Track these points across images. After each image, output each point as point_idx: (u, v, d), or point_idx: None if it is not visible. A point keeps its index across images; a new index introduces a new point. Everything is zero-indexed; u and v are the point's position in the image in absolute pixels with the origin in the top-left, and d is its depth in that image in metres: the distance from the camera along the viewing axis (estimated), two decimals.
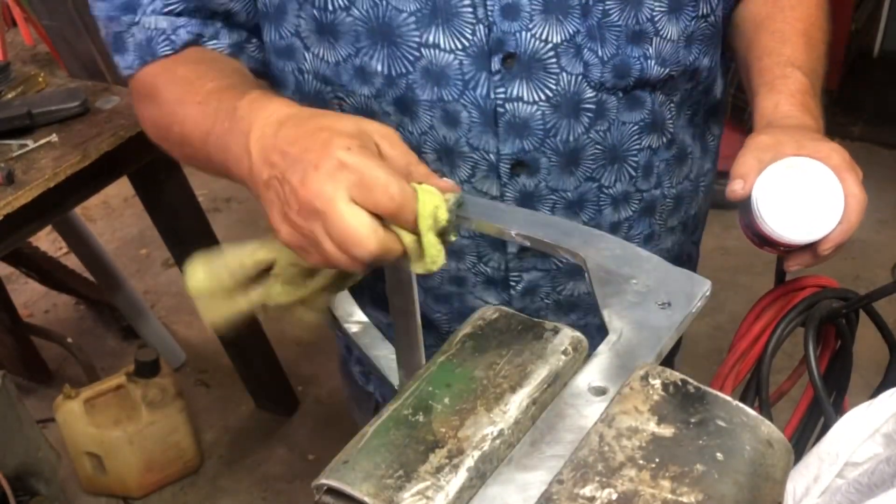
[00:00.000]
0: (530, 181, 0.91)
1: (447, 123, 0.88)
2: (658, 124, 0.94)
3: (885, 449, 0.58)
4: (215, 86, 0.81)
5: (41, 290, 2.77)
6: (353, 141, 0.65)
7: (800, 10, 0.95)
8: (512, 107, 0.87)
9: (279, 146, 0.67)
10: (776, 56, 0.91)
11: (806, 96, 0.87)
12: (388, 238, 0.65)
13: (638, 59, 0.87)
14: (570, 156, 0.90)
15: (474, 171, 0.91)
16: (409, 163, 0.68)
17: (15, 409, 1.55)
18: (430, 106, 0.87)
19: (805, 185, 0.78)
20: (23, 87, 1.79)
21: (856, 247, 2.66)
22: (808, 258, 0.82)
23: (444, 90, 0.86)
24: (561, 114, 0.87)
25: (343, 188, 0.63)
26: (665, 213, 1.03)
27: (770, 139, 0.81)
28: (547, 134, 0.88)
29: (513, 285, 1.00)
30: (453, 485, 0.51)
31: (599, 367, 0.59)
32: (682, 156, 1.00)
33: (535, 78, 0.86)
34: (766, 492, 0.52)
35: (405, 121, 0.88)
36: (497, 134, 0.88)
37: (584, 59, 0.85)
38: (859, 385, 0.95)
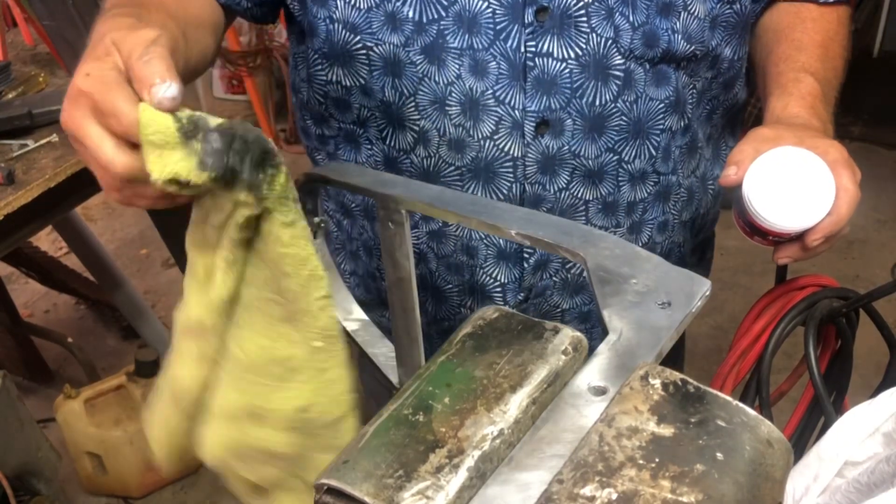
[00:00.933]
0: (554, 143, 0.92)
1: (475, 73, 0.88)
2: (680, 105, 0.95)
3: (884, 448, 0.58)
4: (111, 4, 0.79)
5: (41, 290, 2.77)
6: (95, 64, 0.64)
7: (821, 22, 0.97)
8: (542, 62, 0.87)
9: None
10: (791, 62, 0.92)
11: (816, 100, 0.89)
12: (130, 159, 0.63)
13: (666, 31, 0.88)
14: (595, 121, 0.91)
15: (498, 126, 0.91)
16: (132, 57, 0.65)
17: (15, 409, 1.55)
18: (459, 54, 0.88)
19: (797, 174, 0.78)
20: (23, 87, 1.80)
21: (856, 247, 2.66)
22: (797, 250, 0.82)
23: (474, 38, 0.87)
24: (589, 74, 0.88)
25: (87, 113, 0.64)
26: (679, 204, 1.04)
27: (771, 132, 0.82)
28: (574, 93, 0.89)
29: (525, 258, 1.00)
30: (453, 484, 0.51)
31: (599, 366, 0.59)
32: (694, 147, 1.01)
33: (566, 35, 0.87)
34: (765, 491, 0.52)
35: (431, 70, 0.89)
36: (524, 89, 0.89)
37: (615, 24, 0.87)
38: (859, 385, 0.95)
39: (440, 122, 0.92)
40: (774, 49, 0.95)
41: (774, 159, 0.78)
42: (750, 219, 0.80)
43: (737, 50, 0.98)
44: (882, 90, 3.41)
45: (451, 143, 0.93)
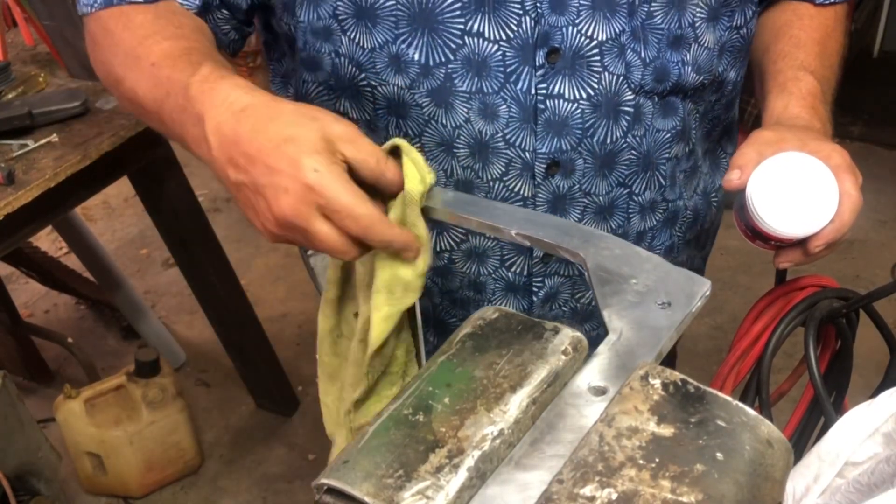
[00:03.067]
0: (564, 182, 0.91)
1: (485, 117, 0.87)
2: (686, 134, 0.94)
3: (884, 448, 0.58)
4: (170, 46, 0.80)
5: (41, 290, 2.77)
6: (319, 158, 0.67)
7: (819, 19, 0.96)
8: (553, 104, 0.86)
9: (242, 148, 0.69)
10: (790, 60, 0.92)
11: (816, 100, 0.88)
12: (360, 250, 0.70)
13: (677, 64, 0.87)
14: (606, 158, 0.90)
15: (508, 168, 0.90)
16: (378, 161, 0.70)
17: (15, 409, 1.55)
18: (468, 98, 0.86)
19: (801, 180, 0.78)
20: (23, 87, 1.79)
21: (856, 247, 2.66)
22: (799, 255, 0.82)
23: (484, 82, 0.85)
24: (600, 114, 0.87)
25: (314, 210, 0.67)
26: (685, 226, 1.03)
27: (774, 135, 0.82)
28: (585, 134, 0.88)
29: (535, 291, 0.99)
30: (453, 484, 0.51)
31: (599, 366, 0.59)
32: (695, 168, 1.01)
33: (577, 75, 0.85)
34: (766, 491, 0.52)
35: (439, 113, 0.87)
36: (535, 132, 0.87)
37: (627, 60, 0.85)
38: (859, 385, 0.95)
39: (447, 164, 0.91)
40: (772, 46, 0.95)
41: (778, 165, 0.78)
42: (752, 223, 0.80)
43: (739, 71, 0.98)
44: (882, 90, 3.41)
45: (458, 183, 0.91)
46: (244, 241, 3.03)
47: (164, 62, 0.78)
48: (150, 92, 0.79)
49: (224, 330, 2.26)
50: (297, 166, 0.66)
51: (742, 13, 0.91)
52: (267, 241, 0.73)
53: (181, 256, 2.14)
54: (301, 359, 2.50)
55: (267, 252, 3.00)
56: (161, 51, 0.80)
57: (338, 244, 0.68)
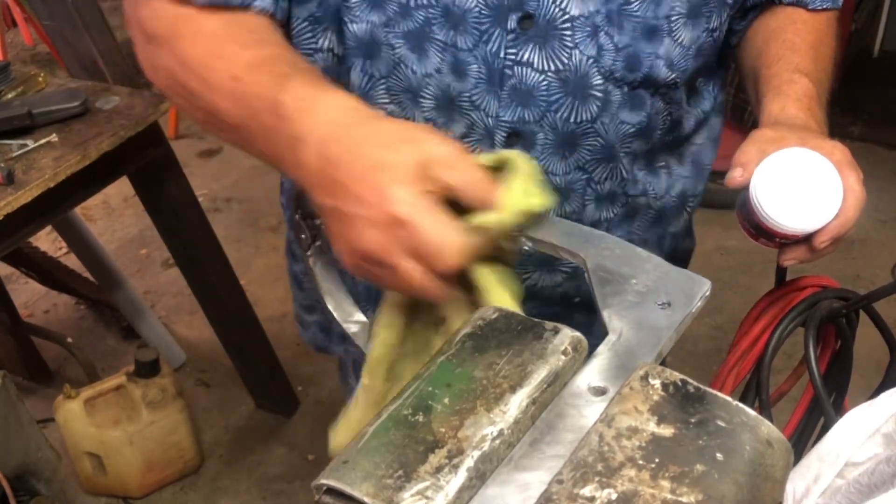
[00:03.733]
0: None
1: (455, 72, 0.86)
2: (648, 133, 0.94)
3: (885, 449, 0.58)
4: (252, 56, 0.75)
5: (41, 290, 2.77)
6: (410, 190, 0.62)
7: (811, 24, 0.96)
8: (520, 71, 0.85)
9: (334, 174, 0.65)
10: (785, 63, 0.92)
11: (812, 102, 0.88)
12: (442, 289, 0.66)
13: (649, 56, 0.87)
14: (568, 138, 0.89)
15: (469, 131, 0.88)
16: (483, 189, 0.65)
17: (15, 409, 1.55)
18: (442, 48, 0.84)
19: (805, 175, 0.78)
20: (23, 87, 1.79)
21: (856, 247, 2.66)
22: (804, 252, 0.82)
23: (459, 36, 0.84)
24: (567, 91, 0.86)
25: (400, 246, 0.63)
26: (645, 224, 1.02)
27: (774, 133, 0.82)
28: (549, 108, 0.87)
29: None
30: (453, 485, 0.51)
31: (599, 367, 0.59)
32: (666, 169, 1.00)
33: (548, 47, 0.84)
34: (766, 492, 0.51)
35: (410, 57, 0.85)
36: (499, 97, 0.86)
37: (600, 43, 0.85)
38: (859, 385, 0.95)
39: (410, 112, 0.88)
40: (765, 50, 0.95)
41: (782, 160, 0.78)
42: (757, 220, 0.80)
43: (710, 76, 0.98)
44: (882, 90, 3.41)
45: None
46: (244, 241, 3.03)
47: (248, 76, 0.73)
48: (231, 108, 0.74)
49: (224, 330, 2.26)
50: (386, 198, 0.62)
51: (718, 15, 0.91)
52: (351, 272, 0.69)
53: (181, 256, 2.14)
54: (301, 359, 2.50)
55: (267, 252, 3.00)
56: (243, 62, 0.74)
57: (426, 285, 0.64)
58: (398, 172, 0.63)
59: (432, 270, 0.64)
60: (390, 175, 0.63)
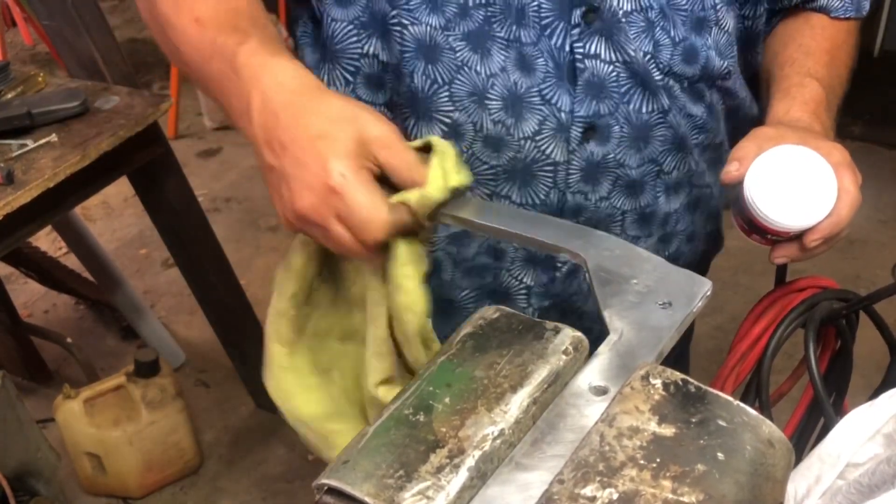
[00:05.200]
0: (599, 150, 0.89)
1: (521, 68, 0.85)
2: (711, 125, 0.95)
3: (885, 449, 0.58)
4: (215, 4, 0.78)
5: (41, 290, 2.77)
6: (347, 163, 0.67)
7: (830, 30, 0.96)
8: (591, 64, 0.85)
9: (279, 136, 0.70)
10: (797, 66, 0.92)
11: (819, 106, 0.88)
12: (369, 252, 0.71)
13: (703, 47, 0.87)
14: (642, 129, 0.89)
15: (541, 127, 0.87)
16: (411, 170, 0.70)
17: (15, 410, 1.55)
18: (505, 45, 0.84)
19: (799, 172, 0.78)
20: (22, 86, 1.79)
21: (856, 247, 2.66)
22: (795, 250, 0.82)
23: (522, 30, 0.84)
24: (637, 80, 0.87)
25: (332, 212, 0.68)
26: (705, 215, 1.03)
27: (774, 131, 0.82)
28: (622, 98, 0.87)
29: (559, 267, 0.97)
30: (454, 485, 0.51)
31: (600, 366, 0.59)
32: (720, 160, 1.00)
33: (614, 38, 0.85)
34: (766, 491, 0.51)
35: (473, 59, 0.85)
36: (573, 92, 0.86)
37: (656, 38, 0.85)
38: (860, 385, 0.95)
39: (477, 116, 0.87)
40: (781, 52, 0.95)
41: (777, 157, 0.78)
42: (749, 216, 0.80)
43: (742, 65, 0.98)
44: (882, 90, 3.41)
45: (487, 139, 0.88)
46: (244, 241, 3.03)
47: (209, 22, 0.77)
48: (192, 51, 0.78)
49: (224, 330, 2.26)
50: (325, 167, 0.67)
51: (753, 6, 0.92)
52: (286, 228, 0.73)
53: (181, 256, 2.14)
54: None
55: (267, 252, 3.00)
56: (206, 7, 0.78)
57: (352, 248, 0.69)
58: (338, 145, 0.67)
59: (359, 239, 0.68)
60: (331, 147, 0.67)
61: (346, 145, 0.68)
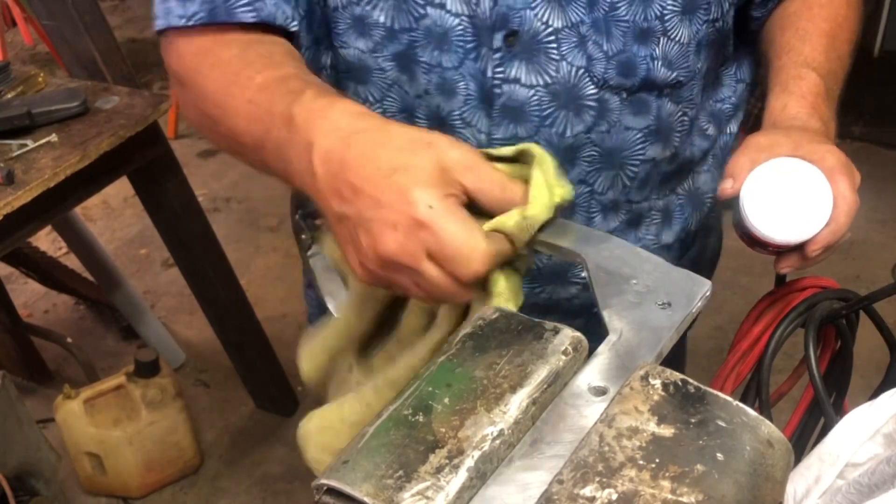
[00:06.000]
0: None
1: (443, 92, 0.85)
2: (664, 134, 0.92)
3: (885, 449, 0.58)
4: (264, 79, 0.75)
5: (41, 290, 2.77)
6: (433, 192, 0.61)
7: (828, 9, 0.94)
8: (509, 88, 0.84)
9: (349, 179, 0.64)
10: (794, 55, 0.90)
11: (818, 99, 0.86)
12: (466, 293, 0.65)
13: (644, 59, 0.85)
14: (566, 152, 0.88)
15: None
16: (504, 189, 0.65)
17: (15, 410, 1.55)
18: (428, 69, 0.84)
19: (793, 186, 0.78)
20: (23, 86, 1.79)
21: (856, 247, 2.66)
22: (797, 260, 0.81)
23: (444, 56, 0.83)
24: (559, 104, 0.85)
25: (422, 249, 0.62)
26: (654, 228, 1.01)
27: (767, 140, 0.81)
28: (542, 122, 0.86)
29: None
30: (453, 485, 0.51)
31: (599, 367, 0.59)
32: (681, 169, 0.99)
33: (535, 61, 0.83)
34: (766, 492, 0.51)
35: (403, 79, 0.85)
36: (491, 115, 0.85)
37: (588, 52, 0.83)
38: (860, 385, 0.95)
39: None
40: (778, 37, 0.93)
41: (770, 172, 0.78)
42: (748, 231, 0.80)
43: (718, 62, 0.96)
44: (882, 90, 3.41)
45: None
46: (244, 241, 3.03)
47: (261, 97, 0.73)
48: (248, 129, 0.75)
49: (224, 330, 2.26)
50: (408, 200, 0.61)
51: (719, 5, 0.88)
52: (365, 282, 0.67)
53: (181, 256, 2.14)
54: None
55: (267, 252, 3.00)
56: (256, 85, 0.75)
57: (447, 289, 0.63)
58: (418, 175, 0.62)
59: (455, 275, 0.62)
60: (411, 177, 0.61)
61: (427, 174, 0.61)
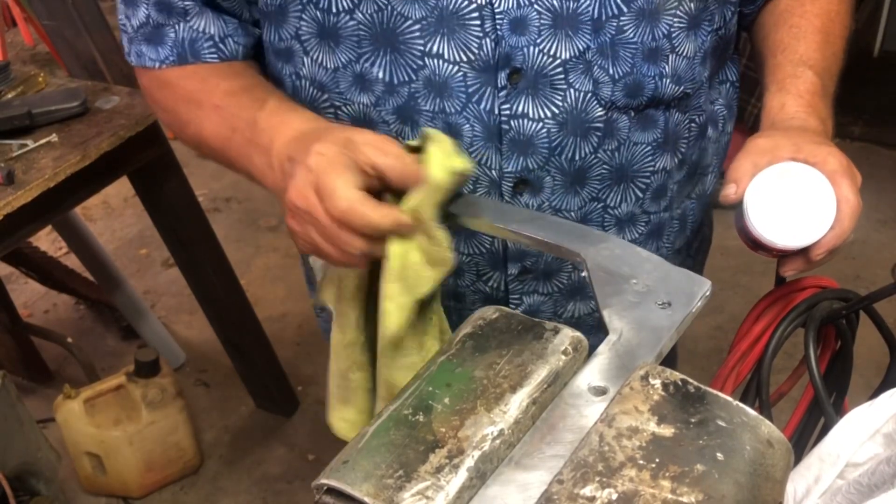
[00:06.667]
0: (533, 200, 0.89)
1: (448, 136, 0.85)
2: (669, 144, 0.92)
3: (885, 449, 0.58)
4: (229, 86, 0.86)
5: (41, 290, 2.77)
6: (328, 146, 0.71)
7: (819, 4, 0.93)
8: (517, 124, 0.84)
9: (291, 155, 0.75)
10: (790, 53, 0.90)
11: (815, 97, 0.86)
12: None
13: (653, 77, 0.85)
14: (576, 175, 0.88)
15: (475, 186, 0.88)
16: (405, 163, 0.72)
17: (15, 409, 1.55)
18: (431, 117, 0.85)
19: (796, 190, 0.78)
20: (23, 87, 1.79)
21: (856, 247, 2.66)
22: (801, 263, 0.81)
23: (446, 102, 0.83)
24: (567, 132, 0.85)
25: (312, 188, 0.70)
26: (672, 236, 1.01)
27: (768, 143, 0.81)
28: (552, 152, 0.86)
29: (513, 307, 0.96)
30: (453, 485, 0.51)
31: (599, 367, 0.59)
32: (693, 173, 0.99)
33: (541, 94, 0.83)
34: (766, 491, 0.51)
35: (405, 130, 0.86)
36: (500, 150, 0.86)
37: (594, 77, 0.83)
38: (859, 385, 0.95)
39: None
40: (771, 34, 0.93)
41: (773, 177, 0.78)
42: (752, 235, 0.80)
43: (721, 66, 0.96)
44: (882, 90, 3.41)
45: None
46: (244, 241, 3.03)
47: (228, 102, 0.85)
48: (215, 131, 0.86)
49: (224, 330, 2.26)
50: (308, 150, 0.71)
51: (721, 14, 0.89)
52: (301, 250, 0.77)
53: (181, 256, 2.14)
54: (301, 359, 2.50)
55: (267, 252, 3.00)
56: (222, 91, 0.86)
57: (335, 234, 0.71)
58: (327, 139, 0.72)
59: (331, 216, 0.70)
60: (321, 141, 0.72)
61: (335, 139, 0.72)
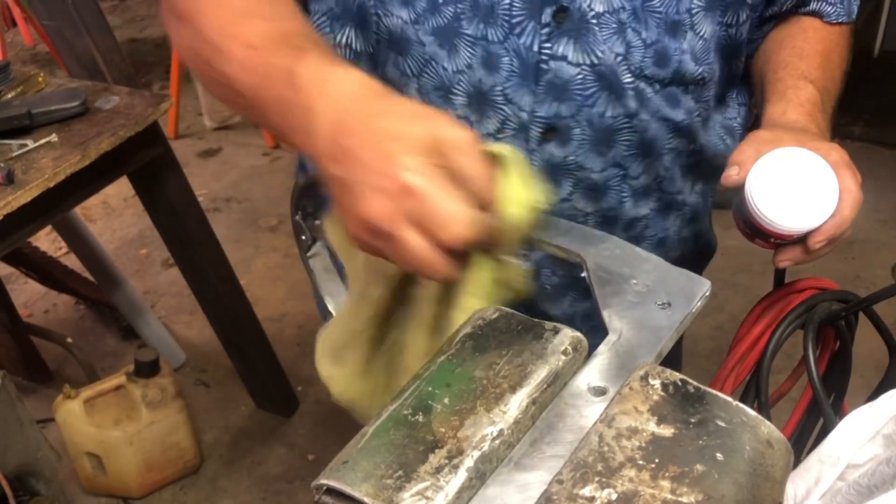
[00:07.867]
0: (559, 151, 0.89)
1: (486, 66, 0.85)
2: (689, 131, 0.93)
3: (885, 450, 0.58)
4: (267, 28, 0.74)
5: (41, 290, 2.77)
6: (422, 161, 0.61)
7: (822, 32, 0.96)
8: (556, 65, 0.84)
9: (345, 143, 0.64)
10: (791, 69, 0.92)
11: (814, 108, 0.88)
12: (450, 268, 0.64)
13: (676, 50, 0.86)
14: (605, 133, 0.88)
15: (503, 126, 0.87)
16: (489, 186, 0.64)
17: (15, 409, 1.55)
18: (472, 43, 0.83)
19: (800, 174, 0.77)
20: (23, 86, 1.79)
21: (856, 247, 2.66)
22: (799, 253, 0.81)
23: (489, 29, 0.83)
24: (602, 84, 0.85)
25: (404, 216, 0.61)
26: (681, 221, 1.02)
27: (770, 134, 0.82)
28: (585, 101, 0.86)
29: None
30: (453, 485, 0.51)
31: (599, 367, 0.59)
32: (708, 167, 1.00)
33: (582, 40, 0.83)
34: (765, 492, 0.51)
35: (440, 55, 0.84)
36: (535, 93, 0.85)
37: (627, 39, 0.84)
38: (859, 386, 0.95)
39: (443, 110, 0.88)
40: (774, 56, 0.95)
41: (777, 159, 0.78)
42: (752, 220, 0.80)
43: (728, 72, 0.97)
44: (882, 90, 3.41)
45: None
46: (244, 241, 3.03)
47: (263, 45, 0.72)
48: (244, 76, 0.73)
49: (224, 330, 2.26)
50: (395, 164, 0.60)
51: (735, 13, 0.90)
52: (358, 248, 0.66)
53: (181, 256, 2.14)
54: (301, 359, 2.50)
55: (267, 252, 3.00)
56: (258, 32, 0.73)
57: (428, 258, 0.62)
58: (411, 143, 0.62)
59: (437, 243, 0.61)
60: (402, 144, 0.61)
61: (419, 143, 0.61)
